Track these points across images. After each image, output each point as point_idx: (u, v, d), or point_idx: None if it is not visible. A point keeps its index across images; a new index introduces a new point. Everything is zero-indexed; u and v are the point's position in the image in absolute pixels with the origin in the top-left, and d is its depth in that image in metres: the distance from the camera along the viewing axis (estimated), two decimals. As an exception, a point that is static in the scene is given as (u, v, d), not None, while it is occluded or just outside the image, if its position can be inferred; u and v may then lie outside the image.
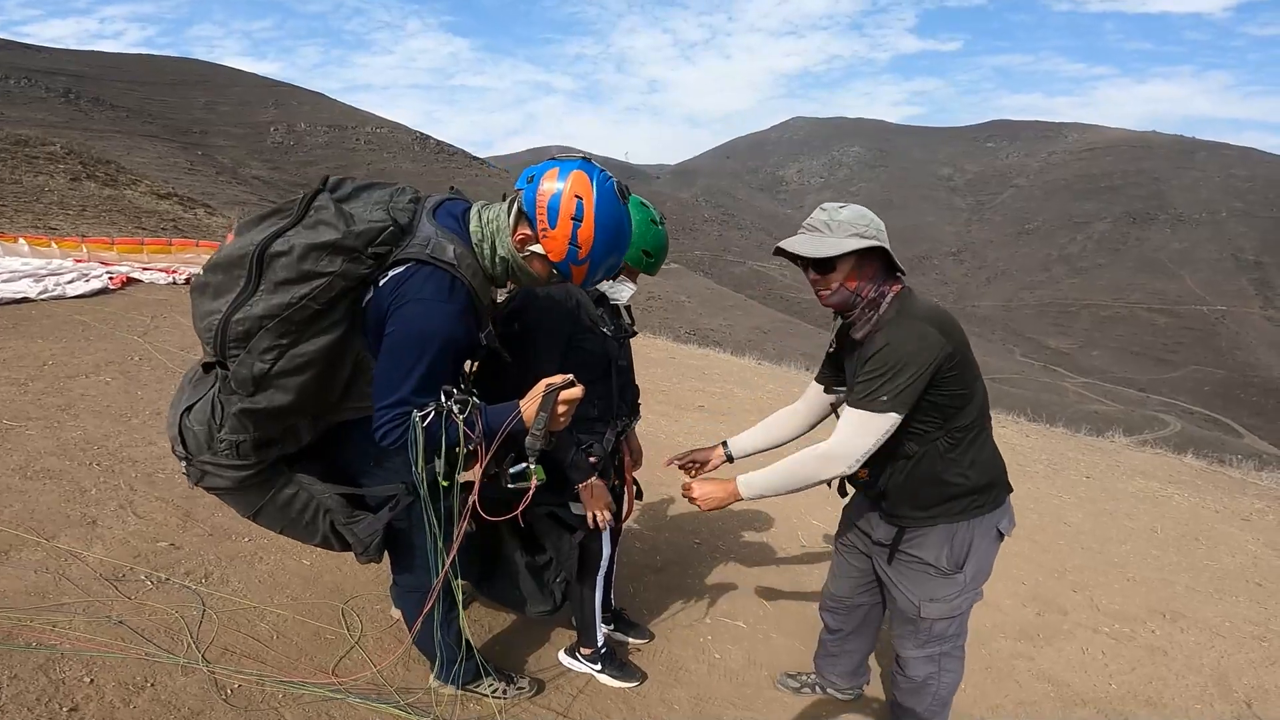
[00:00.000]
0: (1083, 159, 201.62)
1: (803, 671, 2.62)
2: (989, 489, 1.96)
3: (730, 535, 4.01)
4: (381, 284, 1.63)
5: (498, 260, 1.72)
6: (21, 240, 8.81)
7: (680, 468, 2.35)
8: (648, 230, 2.13)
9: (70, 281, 7.15)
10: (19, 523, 2.76)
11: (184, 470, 1.79)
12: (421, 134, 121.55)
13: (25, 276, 7.00)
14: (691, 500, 2.02)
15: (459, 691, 2.18)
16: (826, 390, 2.23)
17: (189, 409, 1.73)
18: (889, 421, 1.79)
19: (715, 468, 2.33)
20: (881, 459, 1.90)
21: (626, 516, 2.53)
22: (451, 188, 1.92)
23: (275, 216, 1.62)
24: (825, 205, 1.89)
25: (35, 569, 2.47)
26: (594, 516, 2.14)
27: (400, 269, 1.62)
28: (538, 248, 1.68)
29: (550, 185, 1.64)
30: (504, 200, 1.77)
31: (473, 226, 1.72)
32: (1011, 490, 2.04)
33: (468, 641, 2.17)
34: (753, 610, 3.15)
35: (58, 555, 2.59)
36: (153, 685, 1.98)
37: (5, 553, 2.54)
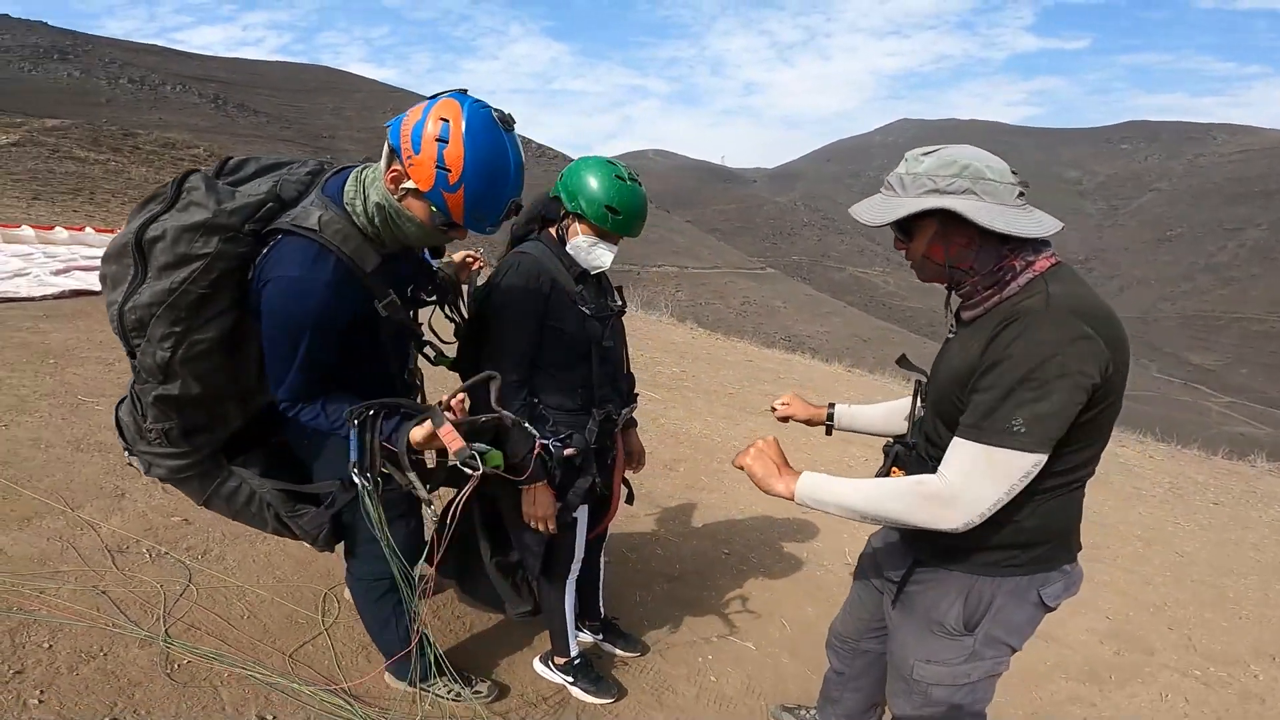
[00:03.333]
0: (1235, 162, 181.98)
1: (804, 706, 2.33)
2: (1036, 546, 1.49)
3: (766, 548, 3.72)
4: (257, 262, 1.56)
5: (372, 210, 1.57)
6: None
7: (774, 411, 2.09)
8: (611, 185, 1.94)
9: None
10: (53, 491, 2.90)
11: (129, 462, 1.80)
12: (524, 137, 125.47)
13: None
14: (737, 465, 1.61)
15: (411, 689, 2.06)
16: None
17: (121, 401, 1.75)
18: (1028, 462, 1.31)
19: (809, 421, 2.06)
20: (923, 464, 1.54)
21: (609, 517, 2.34)
22: (367, 159, 1.75)
23: (154, 202, 1.56)
24: (910, 153, 1.48)
25: (49, 536, 2.57)
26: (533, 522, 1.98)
27: (268, 245, 1.55)
28: (410, 183, 1.51)
29: (415, 113, 1.50)
30: None
31: (346, 187, 1.59)
32: (1075, 552, 1.57)
33: (426, 638, 2.06)
34: (768, 632, 2.88)
35: (76, 524, 2.69)
36: (105, 655, 1.99)
37: (28, 519, 2.65)
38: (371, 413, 1.57)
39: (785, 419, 2.08)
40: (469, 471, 1.52)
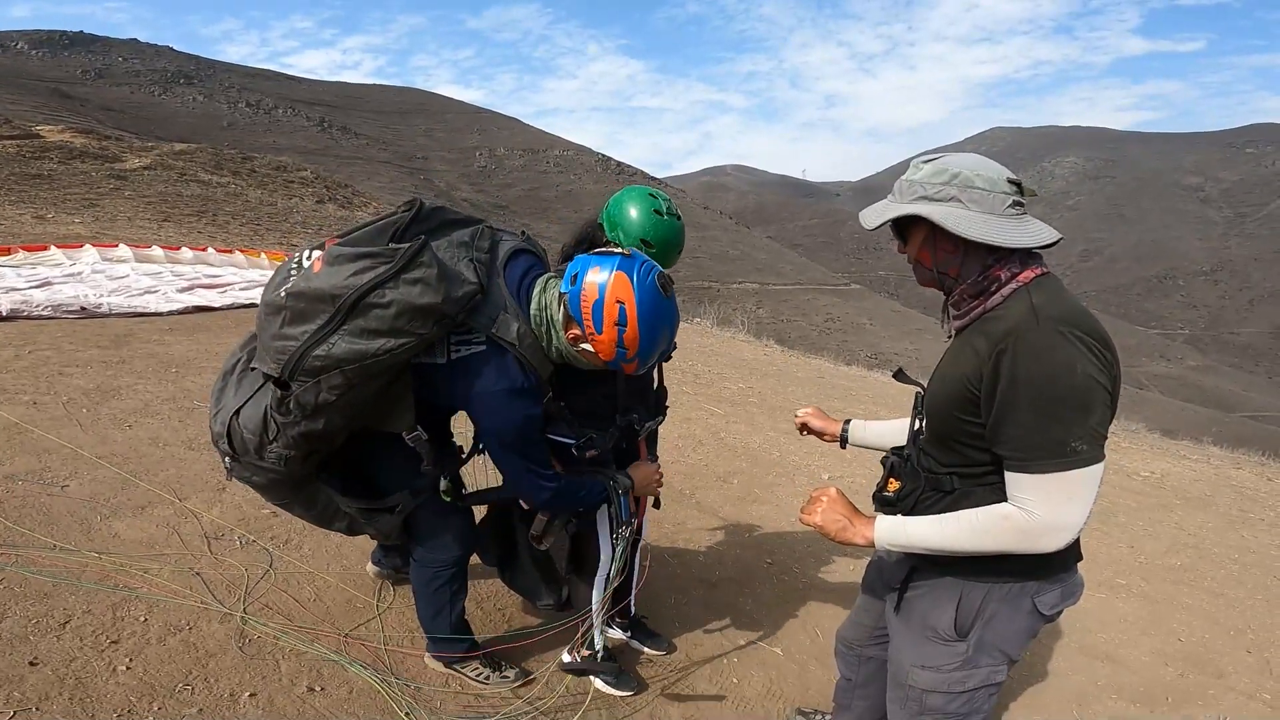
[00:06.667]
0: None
1: (820, 711, 2.40)
2: (1028, 555, 1.47)
3: (811, 559, 3.76)
4: (454, 358, 1.75)
5: (555, 349, 1.82)
6: (263, 255, 10.51)
7: (798, 426, 2.18)
8: (648, 219, 2.13)
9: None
10: (166, 485, 3.33)
11: (225, 464, 1.98)
12: (604, 155, 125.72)
13: (259, 286, 8.40)
14: (806, 523, 1.66)
15: (447, 671, 2.28)
16: None
17: (238, 411, 1.85)
18: (1099, 471, 1.37)
19: (824, 436, 2.12)
20: (917, 477, 1.62)
21: (638, 519, 2.48)
22: (523, 233, 2.01)
23: (372, 260, 1.62)
24: (914, 161, 1.54)
25: (158, 523, 2.97)
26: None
27: (467, 351, 1.75)
28: (589, 346, 1.76)
29: (593, 285, 1.70)
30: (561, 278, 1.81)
31: (533, 308, 1.81)
32: (1073, 561, 1.58)
33: (466, 623, 2.29)
34: (799, 639, 2.94)
35: (182, 514, 3.09)
36: (189, 629, 2.31)
37: (143, 508, 3.07)
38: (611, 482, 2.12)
39: (803, 429, 2.16)
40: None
